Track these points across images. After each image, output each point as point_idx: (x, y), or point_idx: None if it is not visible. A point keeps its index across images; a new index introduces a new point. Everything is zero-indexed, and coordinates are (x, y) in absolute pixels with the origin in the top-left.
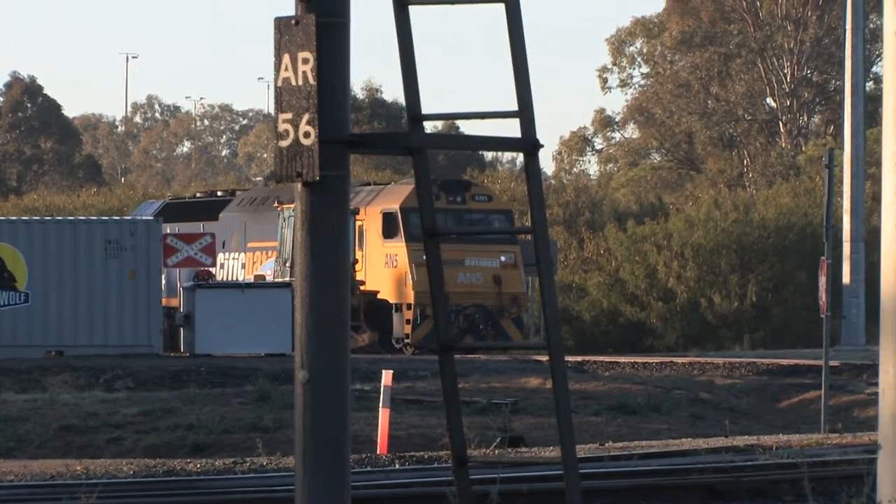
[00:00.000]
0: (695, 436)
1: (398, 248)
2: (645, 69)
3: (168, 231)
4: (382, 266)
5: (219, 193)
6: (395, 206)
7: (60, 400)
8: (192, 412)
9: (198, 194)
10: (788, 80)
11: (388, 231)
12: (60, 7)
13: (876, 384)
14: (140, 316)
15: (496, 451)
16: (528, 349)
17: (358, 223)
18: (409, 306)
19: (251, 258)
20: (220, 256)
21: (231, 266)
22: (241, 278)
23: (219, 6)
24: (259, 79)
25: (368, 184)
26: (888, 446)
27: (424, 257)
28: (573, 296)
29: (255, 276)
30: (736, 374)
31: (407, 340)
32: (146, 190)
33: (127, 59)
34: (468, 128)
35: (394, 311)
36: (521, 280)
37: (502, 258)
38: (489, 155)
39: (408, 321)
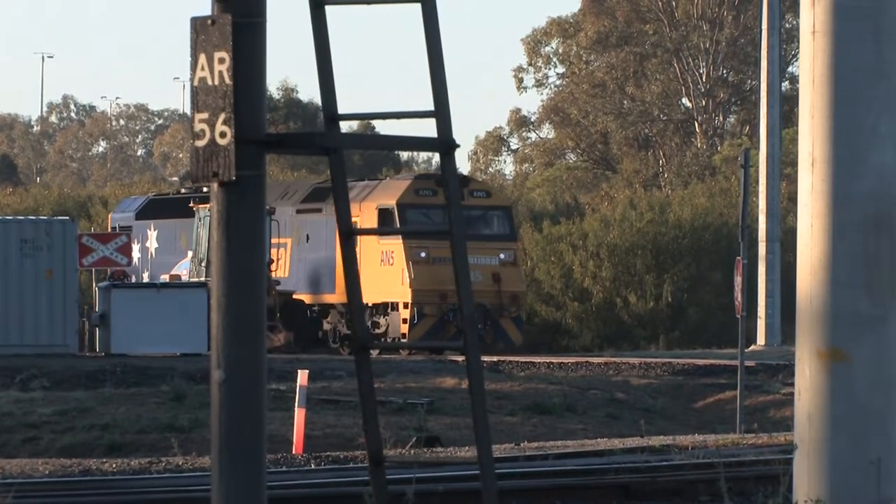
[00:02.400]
0: (610, 436)
1: (394, 245)
2: (560, 69)
3: (152, 227)
4: (378, 264)
5: (204, 189)
6: (391, 202)
7: None
8: (107, 412)
9: (182, 190)
10: (704, 80)
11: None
12: None
13: (791, 384)
14: (56, 316)
15: (412, 452)
16: (444, 349)
17: (352, 220)
18: (405, 305)
19: None
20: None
21: None
22: None
23: (134, 6)
24: (175, 78)
25: (363, 179)
26: (804, 447)
27: (423, 254)
28: None
29: (171, 276)
30: (651, 374)
31: (404, 340)
32: (61, 190)
33: (42, 58)
34: (384, 128)
35: (389, 309)
36: (521, 278)
37: (501, 255)
38: (405, 155)
39: (404, 320)
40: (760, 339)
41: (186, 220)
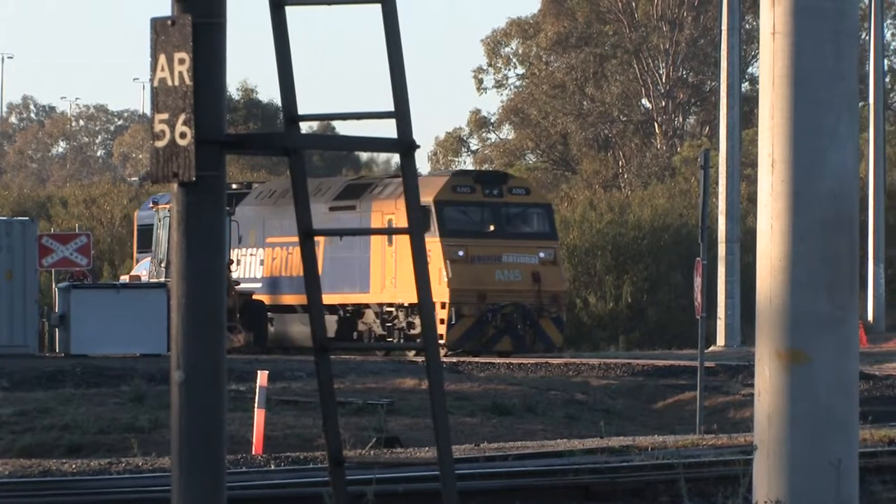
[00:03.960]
0: (570, 437)
1: (431, 243)
2: (520, 70)
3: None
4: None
5: (234, 186)
6: (428, 200)
7: None
8: (67, 412)
9: None
10: (664, 80)
11: None
12: None
13: (751, 385)
14: (16, 316)
15: (372, 452)
16: (404, 350)
17: (387, 217)
18: (442, 305)
19: (270, 254)
20: (237, 252)
21: (248, 263)
22: (259, 275)
23: (94, 6)
24: (134, 79)
25: (397, 176)
26: (764, 447)
27: (461, 253)
28: None
29: (131, 277)
30: (611, 375)
31: (441, 341)
32: (21, 190)
33: (2, 59)
34: (344, 128)
35: None
36: (562, 277)
37: (541, 254)
38: (365, 155)
39: (442, 321)
40: (720, 339)
41: None
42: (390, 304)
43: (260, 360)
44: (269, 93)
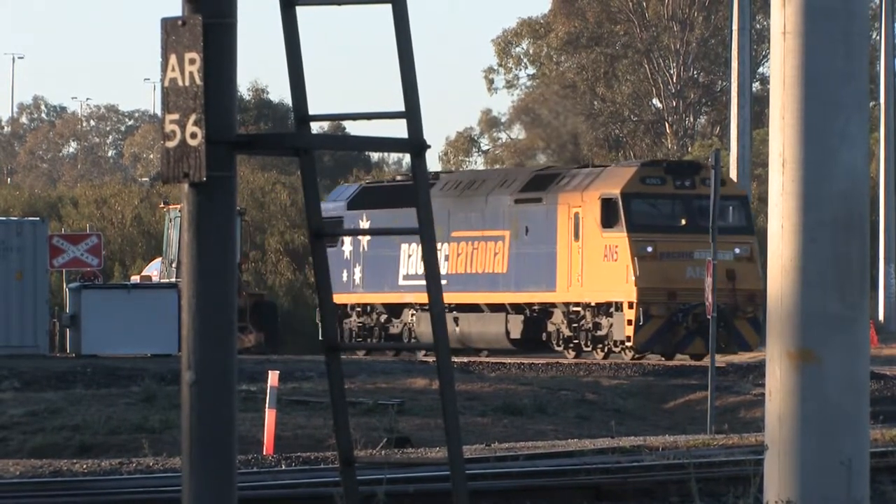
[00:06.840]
0: (581, 437)
1: (619, 238)
2: (531, 70)
3: (364, 217)
4: (601, 259)
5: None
6: (615, 192)
7: None
8: (78, 413)
9: (397, 178)
10: (674, 80)
11: (608, 219)
12: None
13: (762, 385)
14: (26, 317)
15: (383, 452)
16: (416, 350)
17: (574, 210)
18: (630, 305)
19: (455, 249)
20: (415, 248)
21: None
22: (444, 272)
23: (104, 6)
24: (145, 79)
25: (586, 166)
26: (775, 447)
27: (649, 249)
28: None
29: (142, 277)
30: (622, 375)
31: (628, 343)
32: (32, 191)
33: (13, 59)
34: (355, 128)
35: (612, 309)
36: (758, 275)
37: (737, 250)
38: (375, 155)
39: (629, 321)
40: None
41: (402, 211)
42: (577, 304)
43: (271, 361)
44: (280, 93)
